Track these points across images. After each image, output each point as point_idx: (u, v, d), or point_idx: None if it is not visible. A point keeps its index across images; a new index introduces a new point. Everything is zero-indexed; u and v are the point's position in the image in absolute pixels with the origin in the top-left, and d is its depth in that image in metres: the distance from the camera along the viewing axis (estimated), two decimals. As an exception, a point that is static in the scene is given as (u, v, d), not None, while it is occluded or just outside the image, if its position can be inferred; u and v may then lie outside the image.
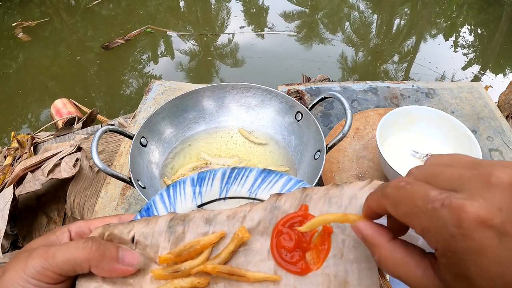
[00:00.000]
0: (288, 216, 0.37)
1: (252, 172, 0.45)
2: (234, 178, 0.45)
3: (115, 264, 0.35)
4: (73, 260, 0.34)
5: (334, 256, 0.35)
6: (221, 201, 0.45)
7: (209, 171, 0.45)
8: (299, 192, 0.38)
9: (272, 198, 0.39)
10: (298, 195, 0.38)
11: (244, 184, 0.45)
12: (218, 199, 0.45)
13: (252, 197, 0.45)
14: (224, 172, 0.45)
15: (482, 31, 3.79)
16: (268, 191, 0.44)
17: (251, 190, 0.45)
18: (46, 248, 0.35)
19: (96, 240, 0.36)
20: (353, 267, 0.34)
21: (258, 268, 0.36)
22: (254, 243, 0.37)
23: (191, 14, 4.21)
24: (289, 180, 0.44)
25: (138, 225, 0.38)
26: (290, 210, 0.37)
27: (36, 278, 0.34)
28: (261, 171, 0.45)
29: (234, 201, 0.45)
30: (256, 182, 0.45)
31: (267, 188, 0.44)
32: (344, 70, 3.24)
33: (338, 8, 4.20)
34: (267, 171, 0.45)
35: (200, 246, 0.37)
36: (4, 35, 3.68)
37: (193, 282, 0.35)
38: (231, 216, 0.39)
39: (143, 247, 0.38)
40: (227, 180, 0.45)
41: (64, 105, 2.13)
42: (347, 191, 0.36)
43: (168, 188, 0.44)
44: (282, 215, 0.37)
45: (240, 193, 0.45)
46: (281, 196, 0.39)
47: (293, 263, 0.35)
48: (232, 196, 0.45)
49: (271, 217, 0.38)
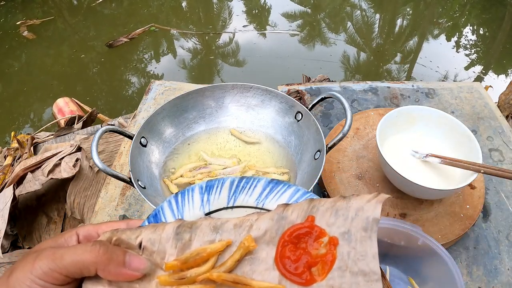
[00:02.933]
0: (295, 227, 0.37)
1: (260, 182, 0.45)
2: (242, 187, 0.45)
3: (121, 268, 0.36)
4: (81, 263, 0.34)
5: (339, 268, 0.34)
6: (228, 210, 0.45)
7: (217, 180, 0.45)
8: (306, 203, 0.38)
9: (279, 208, 0.39)
10: (305, 206, 0.38)
11: (252, 193, 0.45)
12: (225, 208, 0.45)
13: (260, 207, 0.44)
14: (232, 181, 0.45)
15: (485, 31, 3.77)
16: (276, 201, 0.44)
17: (259, 200, 0.44)
18: (54, 249, 0.36)
19: (104, 243, 0.36)
20: (357, 280, 0.34)
21: (263, 277, 0.36)
22: (260, 252, 0.37)
23: (193, 14, 4.22)
24: (297, 191, 0.44)
25: (146, 231, 0.39)
26: (297, 221, 0.38)
27: (43, 279, 0.34)
28: (269, 181, 0.45)
29: (241, 210, 0.45)
30: (264, 192, 0.44)
31: (274, 198, 0.44)
32: (347, 70, 3.23)
33: (340, 7, 4.20)
34: (275, 181, 0.45)
35: (207, 254, 0.37)
36: (9, 33, 3.69)
37: None
38: (238, 225, 0.39)
39: (150, 253, 0.38)
40: (235, 189, 0.45)
41: (66, 104, 2.13)
42: (354, 204, 0.36)
43: (177, 195, 0.44)
44: (288, 225, 0.38)
45: (248, 202, 0.45)
46: (288, 207, 0.39)
47: (298, 274, 0.35)
48: (239, 205, 0.45)
49: (277, 227, 0.38)
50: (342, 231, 0.36)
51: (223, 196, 0.45)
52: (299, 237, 0.37)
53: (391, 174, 0.84)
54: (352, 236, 0.35)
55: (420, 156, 0.88)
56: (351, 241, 0.35)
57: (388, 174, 0.87)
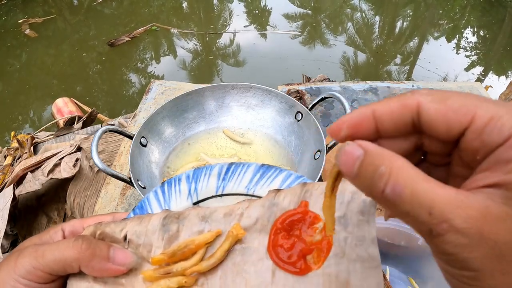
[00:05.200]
0: (287, 213, 0.35)
1: (250, 168, 0.43)
2: (231, 174, 0.43)
3: (106, 264, 0.34)
4: (63, 260, 0.33)
5: (335, 255, 0.32)
6: (217, 198, 0.43)
7: (205, 167, 0.44)
8: (299, 187, 0.36)
9: (271, 194, 0.37)
10: (298, 191, 0.35)
11: (242, 180, 0.43)
12: (214, 196, 0.43)
13: (250, 194, 0.43)
14: (221, 168, 0.44)
15: (485, 33, 3.78)
16: (267, 187, 0.42)
17: (249, 186, 0.43)
18: (37, 247, 0.34)
19: (87, 238, 0.35)
20: (356, 267, 0.31)
21: (256, 268, 0.34)
22: (251, 242, 0.35)
23: (194, 14, 4.23)
24: (289, 175, 0.42)
25: (131, 224, 0.37)
26: (290, 207, 0.35)
27: (27, 277, 0.33)
28: (259, 167, 0.43)
29: (231, 198, 0.43)
30: (254, 178, 0.43)
31: (265, 184, 0.42)
32: (347, 72, 3.23)
33: (341, 9, 4.20)
34: (266, 166, 0.43)
35: (195, 246, 0.35)
36: (10, 32, 3.70)
37: (180, 281, 0.34)
38: (228, 214, 0.37)
39: (136, 246, 0.37)
40: (223, 177, 0.44)
41: (65, 104, 2.14)
42: (350, 186, 0.33)
43: (163, 185, 0.43)
44: (280, 212, 0.35)
45: (238, 189, 0.43)
46: (280, 192, 0.36)
47: (292, 263, 0.33)
48: (229, 193, 0.43)
49: (269, 214, 0.35)
50: (337, 216, 0.32)
51: (211, 184, 0.43)
52: (292, 223, 0.34)
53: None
54: (348, 220, 0.32)
55: (420, 156, 0.88)
56: (347, 226, 0.32)
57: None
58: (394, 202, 0.21)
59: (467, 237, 0.19)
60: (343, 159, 0.23)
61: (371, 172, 0.21)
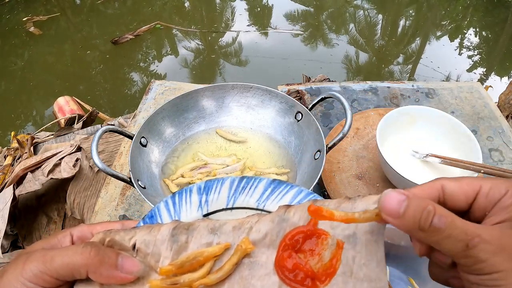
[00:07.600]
0: (297, 230, 0.35)
1: (261, 182, 0.43)
2: (242, 187, 0.43)
3: (113, 271, 0.34)
4: (71, 265, 0.33)
5: (343, 274, 0.32)
6: (227, 211, 0.43)
7: (216, 180, 0.44)
8: (309, 204, 0.35)
9: (281, 209, 0.37)
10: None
11: (253, 194, 0.43)
12: (224, 209, 0.43)
13: (260, 208, 0.43)
14: (232, 181, 0.44)
15: (487, 34, 3.76)
16: (277, 202, 0.42)
17: (260, 201, 0.43)
18: (45, 251, 0.34)
19: (96, 245, 0.35)
20: (363, 286, 0.31)
21: (262, 283, 0.34)
22: (259, 256, 0.35)
23: (196, 13, 4.23)
24: (300, 191, 0.42)
25: (140, 232, 0.37)
26: (299, 223, 0.35)
27: (33, 281, 0.33)
28: (270, 182, 0.43)
29: (241, 212, 0.43)
30: (265, 192, 0.43)
31: (276, 199, 0.42)
32: (349, 71, 3.23)
33: (343, 8, 4.19)
34: (277, 181, 0.43)
35: (203, 258, 0.35)
36: (12, 31, 3.72)
37: None
38: (237, 227, 0.37)
39: (144, 255, 0.37)
40: (235, 190, 0.43)
41: (66, 103, 2.14)
42: (359, 205, 0.34)
43: (174, 196, 0.43)
44: (290, 228, 0.35)
45: (248, 203, 0.43)
46: (290, 208, 0.37)
47: (299, 281, 0.33)
48: (239, 207, 0.43)
49: (278, 229, 0.36)
50: (347, 234, 0.33)
51: (222, 196, 0.43)
52: (301, 240, 0.34)
53: (391, 174, 0.84)
54: (357, 239, 0.33)
55: (420, 156, 0.88)
56: (356, 245, 0.33)
57: (388, 174, 0.87)
58: (439, 229, 0.29)
59: (493, 245, 0.28)
60: (388, 201, 0.30)
61: (419, 212, 0.29)
